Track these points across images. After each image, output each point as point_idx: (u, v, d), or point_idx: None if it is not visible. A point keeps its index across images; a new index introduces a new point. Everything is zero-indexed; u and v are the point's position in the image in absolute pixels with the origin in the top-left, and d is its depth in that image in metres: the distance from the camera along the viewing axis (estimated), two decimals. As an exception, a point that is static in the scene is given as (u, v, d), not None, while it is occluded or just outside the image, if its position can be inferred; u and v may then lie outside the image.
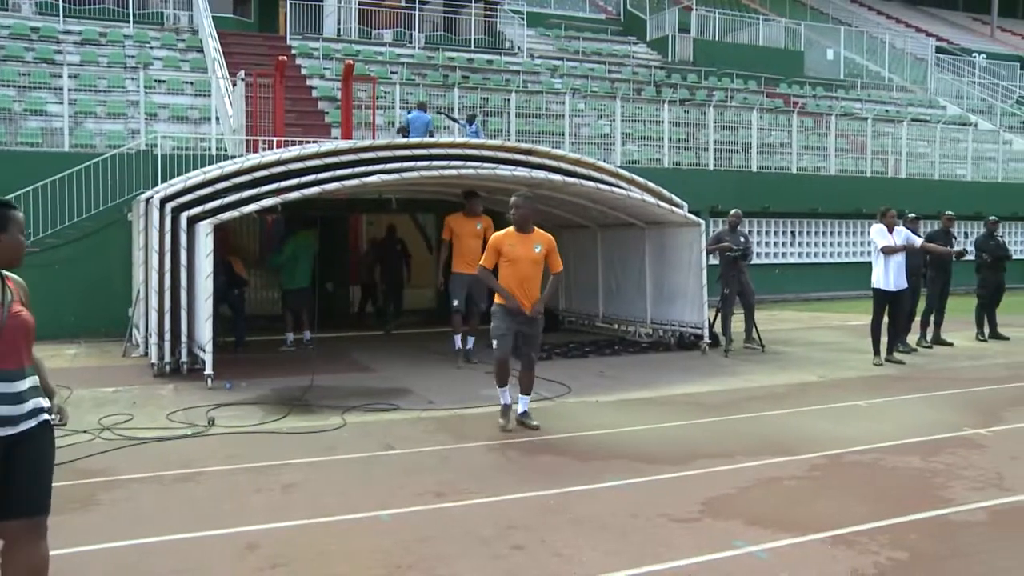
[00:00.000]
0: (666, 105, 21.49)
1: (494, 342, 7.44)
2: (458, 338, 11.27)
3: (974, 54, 36.81)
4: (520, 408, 7.61)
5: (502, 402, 7.62)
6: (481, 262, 7.64)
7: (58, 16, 21.19)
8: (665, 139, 20.81)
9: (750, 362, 11.46)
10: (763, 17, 32.78)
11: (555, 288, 7.80)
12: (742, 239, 12.69)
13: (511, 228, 7.54)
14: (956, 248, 12.70)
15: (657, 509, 5.40)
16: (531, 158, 10.99)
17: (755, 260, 20.61)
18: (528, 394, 7.66)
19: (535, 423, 7.53)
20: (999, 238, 14.31)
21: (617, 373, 10.54)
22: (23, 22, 20.66)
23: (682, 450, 6.84)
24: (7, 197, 11.73)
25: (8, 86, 17.22)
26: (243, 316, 12.59)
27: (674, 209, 12.07)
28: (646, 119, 22.38)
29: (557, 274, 7.68)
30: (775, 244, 21.65)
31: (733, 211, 12.95)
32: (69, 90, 16.63)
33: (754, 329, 12.48)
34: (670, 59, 28.59)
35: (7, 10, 21.30)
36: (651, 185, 12.03)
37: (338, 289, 16.58)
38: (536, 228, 7.59)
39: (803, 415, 8.28)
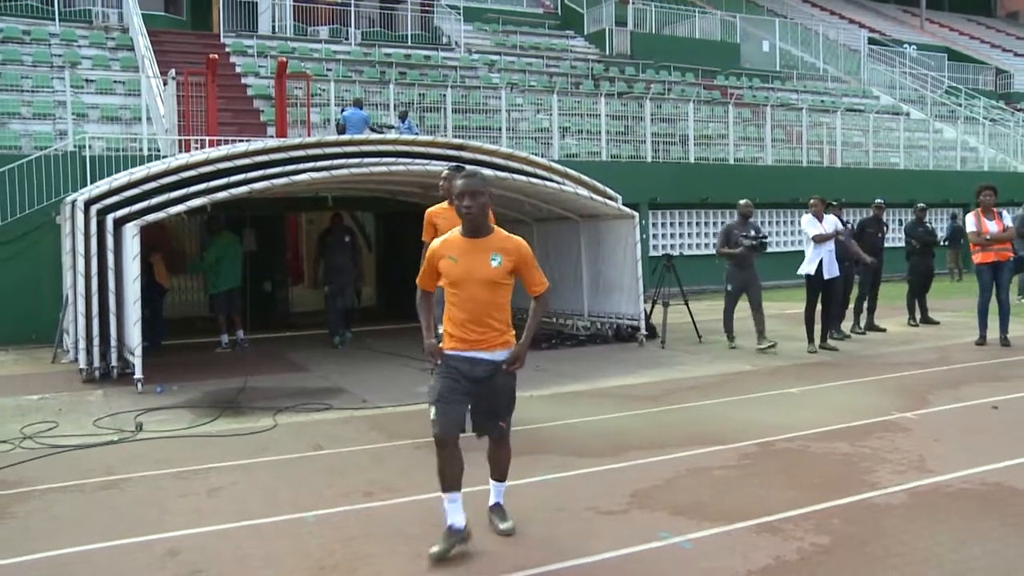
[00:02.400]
0: (603, 98, 21.59)
1: (431, 410, 4.69)
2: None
3: (905, 45, 37.63)
4: (492, 498, 5.10)
5: (447, 521, 4.66)
6: (418, 280, 4.94)
7: (-23, 14, 20.63)
8: (603, 132, 20.91)
9: (687, 353, 11.57)
10: (699, 10, 33.09)
11: (538, 319, 5.01)
12: (753, 231, 12.04)
13: (455, 230, 4.83)
14: (868, 259, 12.78)
15: (585, 502, 5.41)
16: (463, 153, 10.95)
17: (694, 252, 20.98)
18: (502, 479, 5.10)
19: (508, 525, 4.93)
20: (928, 224, 14.62)
21: (553, 367, 10.56)
22: (-60, 20, 20.09)
23: (613, 442, 6.87)
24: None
25: (-76, 86, 16.71)
26: (161, 318, 12.41)
27: (608, 202, 12.13)
28: (584, 113, 22.45)
29: (539, 298, 4.92)
30: (714, 235, 21.83)
31: (744, 201, 12.39)
32: (-8, 90, 16.19)
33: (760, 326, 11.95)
34: (608, 52, 28.73)
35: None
36: (585, 178, 12.08)
37: (276, 289, 16.40)
38: (498, 229, 4.85)
39: (736, 404, 8.37)
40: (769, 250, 12.85)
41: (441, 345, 4.78)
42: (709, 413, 7.98)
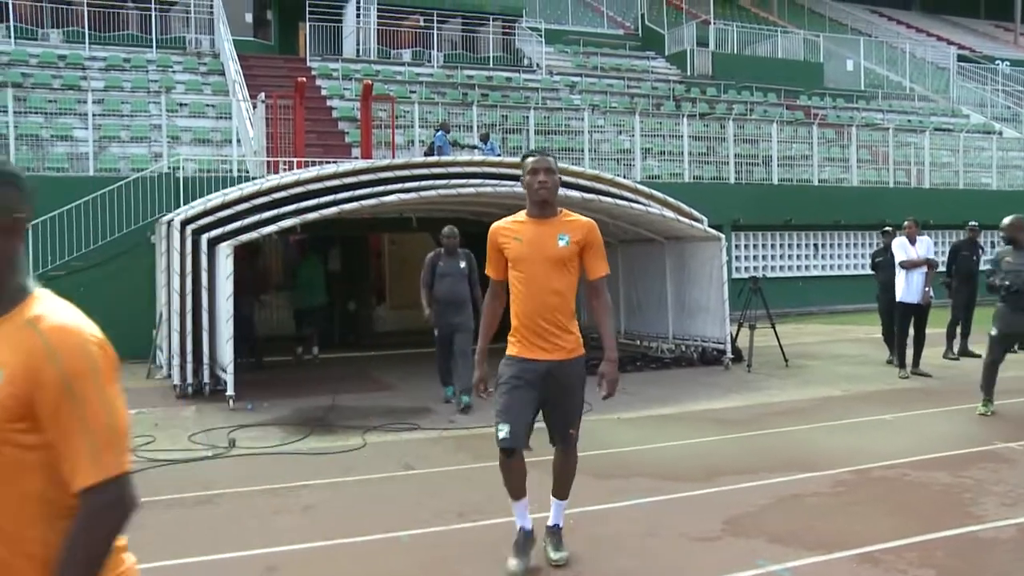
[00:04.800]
0: (685, 119, 21.45)
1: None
2: None
3: (997, 61, 36.52)
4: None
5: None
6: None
7: (84, 44, 21.47)
8: (685, 153, 20.76)
9: (773, 377, 11.36)
10: (781, 29, 32.70)
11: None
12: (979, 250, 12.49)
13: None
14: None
15: (677, 528, 5.34)
16: (549, 175, 10.98)
17: (778, 273, 20.65)
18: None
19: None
20: (980, 246, 14.03)
21: (639, 389, 10.47)
22: (51, 50, 20.95)
23: (704, 467, 6.77)
24: (36, 221, 11.88)
25: (37, 113, 17.45)
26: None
27: (694, 224, 12.03)
28: (666, 134, 22.34)
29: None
30: (798, 257, 21.50)
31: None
32: (94, 115, 16.85)
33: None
34: (689, 73, 28.55)
35: (36, 40, 21.65)
36: (670, 200, 12.00)
37: (360, 308, 16.65)
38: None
39: (828, 430, 8.18)
40: (853, 273, 12.66)
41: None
42: (801, 439, 7.81)
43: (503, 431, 4.42)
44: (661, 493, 6.08)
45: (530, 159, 4.49)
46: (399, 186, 10.27)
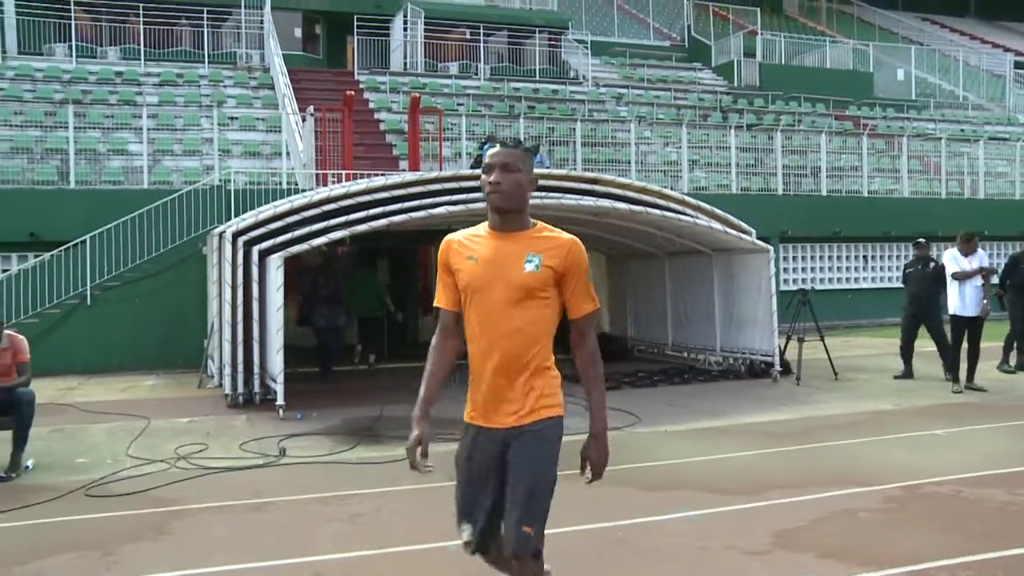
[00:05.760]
0: (733, 131, 21.33)
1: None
2: None
3: (1056, 68, 35.76)
4: None
5: None
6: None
7: (139, 60, 21.96)
8: (732, 165, 20.63)
9: (823, 390, 11.22)
10: (830, 39, 32.39)
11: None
12: None
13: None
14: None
15: (726, 541, 5.30)
16: (596, 187, 11.00)
17: (826, 285, 20.41)
18: None
19: None
20: None
21: (687, 402, 10.42)
22: (108, 67, 21.47)
23: (752, 480, 6.71)
24: (93, 233, 12.30)
25: (94, 128, 17.89)
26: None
27: (742, 235, 11.95)
28: (713, 145, 22.22)
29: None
30: (847, 269, 21.24)
31: None
32: (148, 130, 17.22)
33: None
34: (736, 84, 28.39)
35: (95, 57, 22.20)
36: (718, 212, 11.94)
37: (408, 319, 16.77)
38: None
39: (879, 444, 8.06)
40: (903, 285, 12.46)
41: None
42: (851, 453, 7.71)
43: (465, 533, 3.42)
44: (710, 506, 6.03)
45: (490, 151, 3.31)
46: (447, 198, 10.34)
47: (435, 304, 3.45)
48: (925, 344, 12.03)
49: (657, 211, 11.22)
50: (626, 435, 8.59)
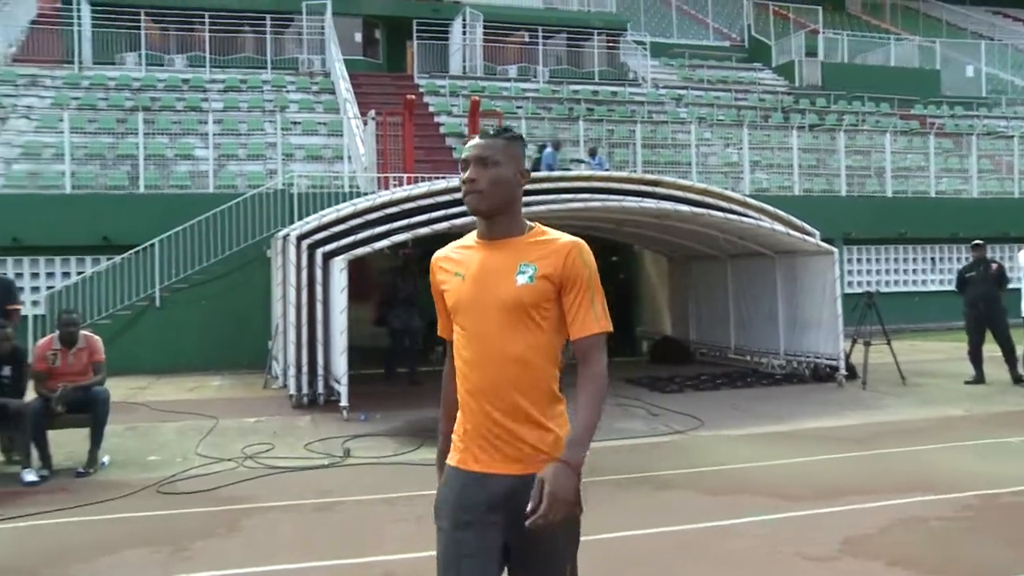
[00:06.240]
0: (795, 131, 21.06)
1: None
2: None
3: None
4: None
5: None
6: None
7: (205, 67, 22.42)
8: (795, 166, 20.36)
9: (890, 395, 11.01)
10: (895, 37, 31.77)
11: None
12: None
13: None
14: None
15: (794, 547, 5.24)
16: (658, 189, 10.95)
17: (892, 288, 20.03)
18: None
19: None
20: None
21: (750, 406, 10.31)
22: (175, 75, 22.00)
23: (819, 486, 6.62)
24: (162, 236, 12.58)
25: (163, 134, 18.34)
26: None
27: (805, 238, 11.80)
28: (774, 146, 21.97)
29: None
30: (913, 272, 20.81)
31: None
32: (214, 135, 17.59)
33: None
34: (797, 84, 28.01)
35: (163, 65, 22.75)
36: (781, 213, 11.80)
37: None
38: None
39: (949, 451, 7.88)
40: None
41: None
42: (921, 460, 7.55)
43: None
44: (776, 511, 5.97)
45: (468, 144, 2.78)
46: (508, 201, 10.35)
47: (439, 333, 2.89)
48: (994, 348, 11.75)
49: (719, 213, 11.13)
50: (689, 439, 8.54)
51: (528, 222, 2.73)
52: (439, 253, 2.82)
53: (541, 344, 2.61)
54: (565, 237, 2.66)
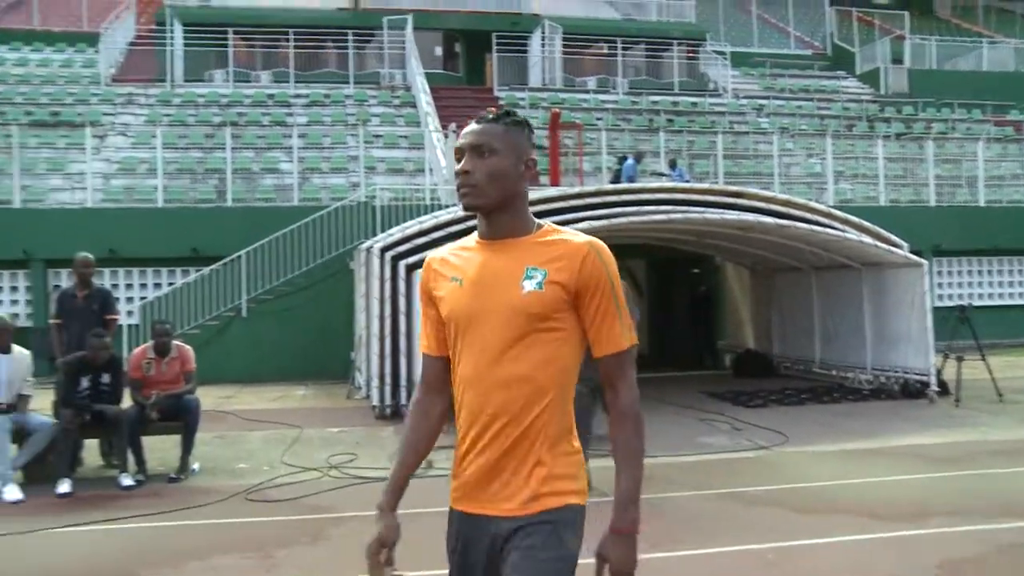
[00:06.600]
0: (880, 140, 20.55)
1: None
2: None
3: None
4: None
5: None
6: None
7: (289, 83, 22.95)
8: (880, 176, 19.85)
9: (985, 412, 10.65)
10: (988, 40, 30.80)
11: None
12: None
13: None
14: None
15: (887, 569, 5.10)
16: (740, 200, 10.82)
17: (985, 302, 19.37)
18: None
19: None
20: None
21: (836, 421, 10.08)
22: (261, 90, 22.56)
23: (911, 506, 6.43)
24: (248, 249, 12.89)
25: (249, 149, 18.83)
26: None
27: (893, 249, 11.51)
28: (859, 156, 21.49)
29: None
30: (1008, 284, 20.10)
31: None
32: (298, 149, 17.98)
33: None
34: (883, 92, 27.37)
35: (249, 81, 23.37)
36: (867, 225, 11.55)
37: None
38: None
39: (1049, 472, 7.59)
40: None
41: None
42: (1018, 483, 7.27)
43: None
44: (866, 531, 5.81)
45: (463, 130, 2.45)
46: (588, 213, 10.37)
47: (421, 348, 2.55)
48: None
49: (805, 225, 10.94)
50: (774, 455, 8.39)
51: (537, 220, 2.36)
52: (435, 254, 2.48)
53: (547, 361, 2.26)
54: (579, 236, 2.30)
